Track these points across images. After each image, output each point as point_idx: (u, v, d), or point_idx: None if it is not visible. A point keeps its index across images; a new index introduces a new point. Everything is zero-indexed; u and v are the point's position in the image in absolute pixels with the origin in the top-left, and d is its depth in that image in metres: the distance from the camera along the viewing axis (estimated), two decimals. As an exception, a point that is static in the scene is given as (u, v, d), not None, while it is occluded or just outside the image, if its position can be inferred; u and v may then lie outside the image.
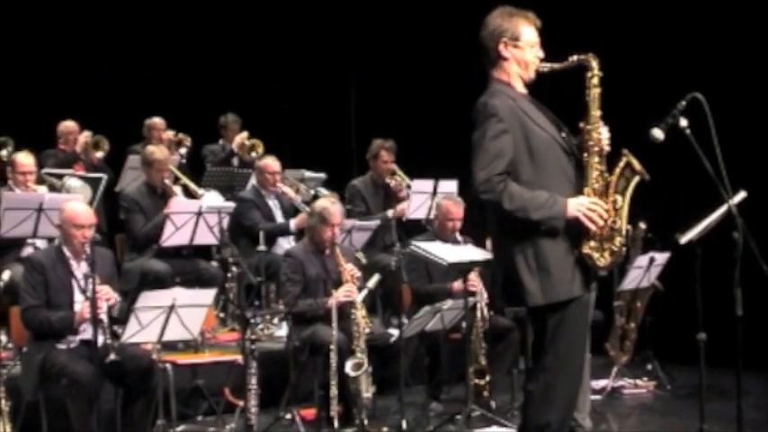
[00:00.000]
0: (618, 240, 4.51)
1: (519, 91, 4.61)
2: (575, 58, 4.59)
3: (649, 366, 8.55)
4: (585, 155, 4.54)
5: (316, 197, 9.29)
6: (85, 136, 9.68)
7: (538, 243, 4.45)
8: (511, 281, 4.53)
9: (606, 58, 4.64)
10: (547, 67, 4.62)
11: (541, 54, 4.63)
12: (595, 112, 4.56)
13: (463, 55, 9.47)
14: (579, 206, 4.44)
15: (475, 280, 7.31)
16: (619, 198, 4.52)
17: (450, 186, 8.84)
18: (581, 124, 4.58)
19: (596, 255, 4.50)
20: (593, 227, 4.45)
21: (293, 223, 8.95)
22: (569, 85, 4.67)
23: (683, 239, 6.51)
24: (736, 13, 8.90)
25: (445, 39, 10.51)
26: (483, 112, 4.47)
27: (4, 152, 8.96)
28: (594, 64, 4.57)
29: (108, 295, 6.08)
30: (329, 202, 7.48)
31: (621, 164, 4.54)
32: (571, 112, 4.70)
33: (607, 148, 4.56)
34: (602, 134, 4.54)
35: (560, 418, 4.54)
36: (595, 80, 4.56)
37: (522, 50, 4.58)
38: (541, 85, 4.69)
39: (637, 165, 4.52)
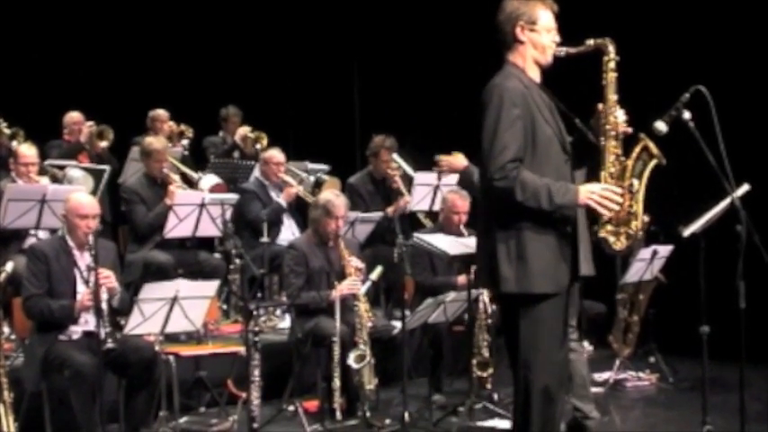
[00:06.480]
0: (634, 224, 4.46)
1: (531, 78, 4.55)
2: (591, 42, 4.55)
3: (652, 359, 8.54)
4: (602, 138, 4.49)
5: (318, 183, 9.27)
6: (90, 126, 9.67)
7: (522, 233, 4.38)
8: (489, 266, 4.46)
9: (619, 44, 4.60)
10: (563, 51, 4.57)
11: (558, 39, 4.59)
12: (612, 96, 4.50)
13: (467, 49, 9.58)
14: (591, 194, 4.37)
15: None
16: (635, 181, 4.47)
17: (453, 179, 8.81)
18: (599, 106, 4.53)
19: (612, 238, 4.45)
20: (607, 213, 4.39)
21: (282, 198, 8.97)
22: (587, 68, 4.63)
23: (687, 232, 6.50)
24: (740, 5, 8.87)
25: (449, 32, 10.50)
26: (497, 94, 4.39)
27: (15, 143, 8.92)
28: (611, 48, 4.51)
29: (109, 279, 6.06)
30: (333, 195, 7.46)
31: (639, 148, 4.49)
32: (589, 95, 4.65)
33: (626, 131, 4.50)
34: (618, 117, 4.49)
35: (542, 418, 4.44)
36: (612, 64, 4.50)
37: (539, 34, 4.53)
38: (558, 68, 4.65)
39: (654, 149, 4.49)
